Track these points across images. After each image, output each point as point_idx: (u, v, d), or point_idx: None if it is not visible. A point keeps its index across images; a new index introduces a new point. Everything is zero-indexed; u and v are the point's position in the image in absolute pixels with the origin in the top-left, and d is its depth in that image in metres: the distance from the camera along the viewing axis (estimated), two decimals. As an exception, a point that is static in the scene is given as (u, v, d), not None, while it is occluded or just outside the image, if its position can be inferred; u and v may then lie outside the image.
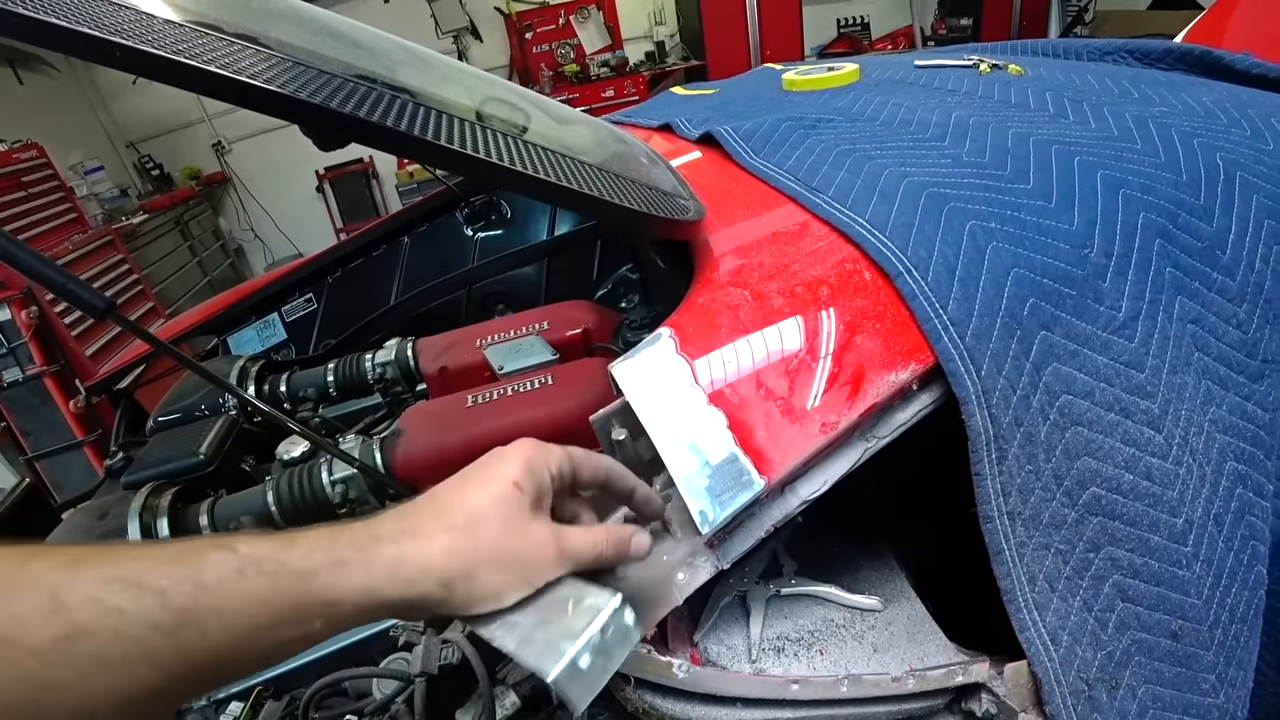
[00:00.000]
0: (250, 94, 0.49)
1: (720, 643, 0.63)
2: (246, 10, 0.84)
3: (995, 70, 1.15)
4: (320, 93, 0.52)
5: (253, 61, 0.54)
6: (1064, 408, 0.65)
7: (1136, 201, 0.73)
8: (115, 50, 0.48)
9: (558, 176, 0.62)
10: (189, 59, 0.50)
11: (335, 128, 0.53)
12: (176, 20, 0.58)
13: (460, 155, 0.56)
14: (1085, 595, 0.68)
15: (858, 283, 0.64)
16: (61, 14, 0.50)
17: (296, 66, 0.56)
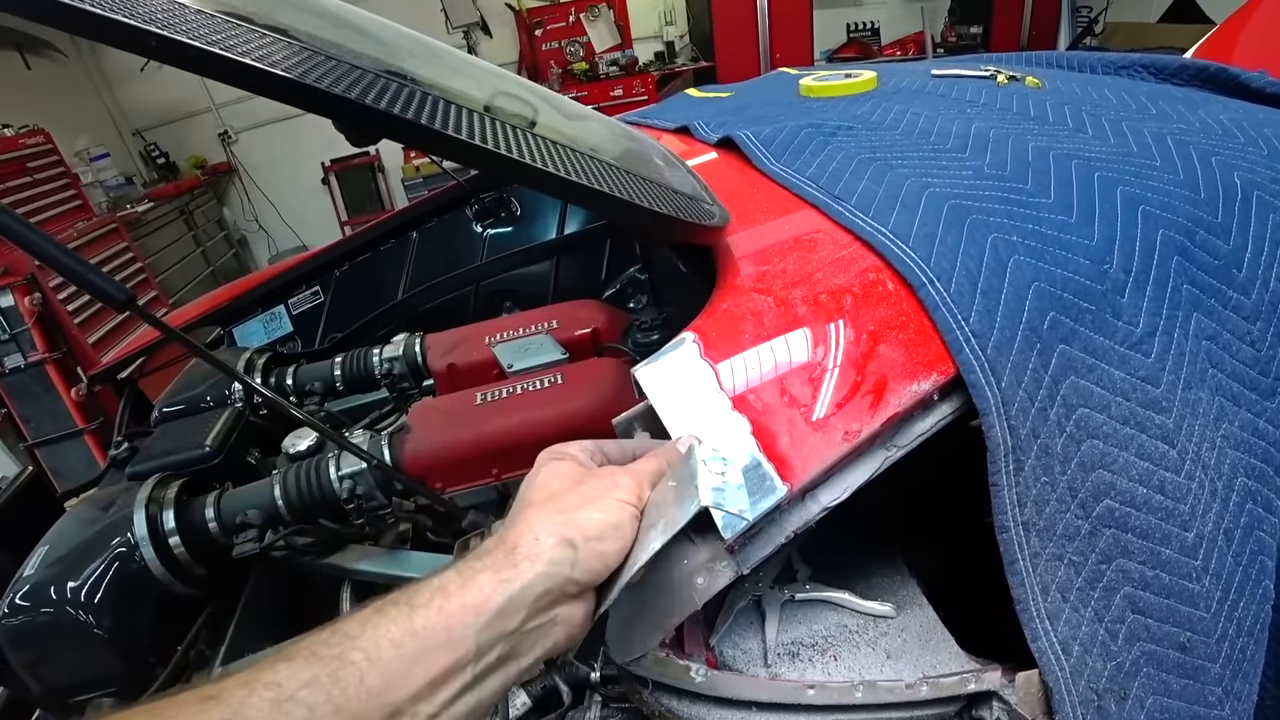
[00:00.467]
0: (287, 88, 0.50)
1: (736, 647, 0.64)
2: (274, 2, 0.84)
3: (1013, 82, 1.16)
4: (355, 88, 0.52)
5: (286, 55, 0.54)
6: (1080, 420, 0.66)
7: (1155, 218, 0.73)
8: (151, 39, 0.49)
9: (596, 181, 0.62)
10: (224, 50, 0.51)
11: (373, 125, 0.53)
12: (208, 11, 0.58)
13: (499, 157, 0.56)
14: (1097, 606, 0.69)
15: (881, 292, 0.64)
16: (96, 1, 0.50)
17: (329, 61, 0.57)
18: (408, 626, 0.44)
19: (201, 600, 1.04)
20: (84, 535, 0.97)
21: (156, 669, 0.95)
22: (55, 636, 0.89)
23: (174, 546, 0.97)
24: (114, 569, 0.93)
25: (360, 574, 1.08)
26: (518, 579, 0.47)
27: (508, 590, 0.47)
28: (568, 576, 0.49)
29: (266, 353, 1.51)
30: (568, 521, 0.50)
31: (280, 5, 0.86)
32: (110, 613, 0.90)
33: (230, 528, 1.01)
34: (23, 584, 0.90)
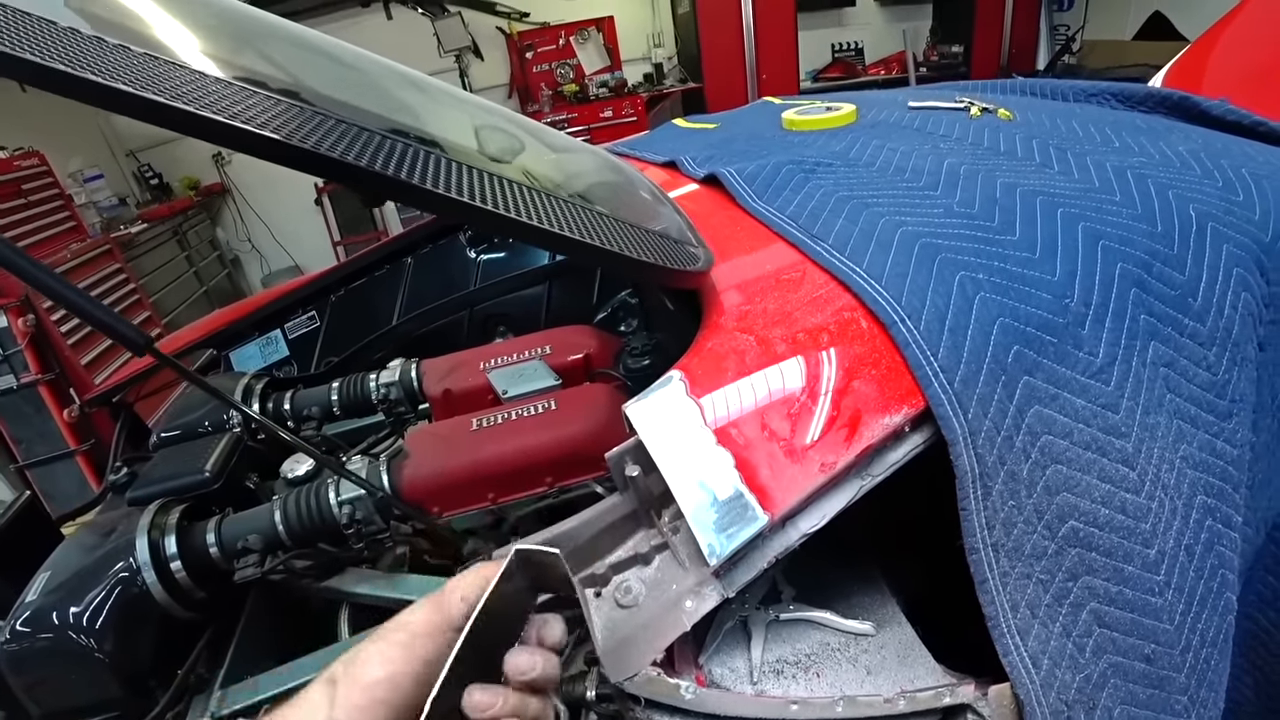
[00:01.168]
0: (308, 160, 0.53)
1: (723, 665, 0.67)
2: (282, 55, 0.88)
3: (985, 114, 1.21)
4: (366, 153, 0.56)
5: (300, 123, 0.58)
6: (1045, 447, 0.70)
7: (1114, 252, 0.78)
8: (178, 115, 0.53)
9: (585, 233, 0.66)
10: (245, 124, 0.54)
11: (381, 189, 0.57)
12: (225, 78, 0.62)
13: (496, 216, 0.60)
14: (1064, 621, 0.72)
15: (855, 330, 0.68)
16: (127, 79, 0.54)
17: (340, 125, 0.61)
18: None
19: (201, 624, 1.05)
20: (86, 560, 0.98)
21: (157, 693, 0.96)
22: (57, 661, 0.90)
23: (175, 571, 0.98)
24: (116, 593, 0.94)
25: (358, 597, 1.09)
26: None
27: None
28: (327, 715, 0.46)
29: (264, 378, 1.52)
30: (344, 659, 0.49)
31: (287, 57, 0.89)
32: (112, 637, 0.91)
33: (231, 552, 1.02)
34: (25, 609, 0.91)
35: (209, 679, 1.01)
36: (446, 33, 5.80)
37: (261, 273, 6.64)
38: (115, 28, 0.67)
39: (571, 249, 0.65)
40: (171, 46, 0.69)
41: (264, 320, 1.90)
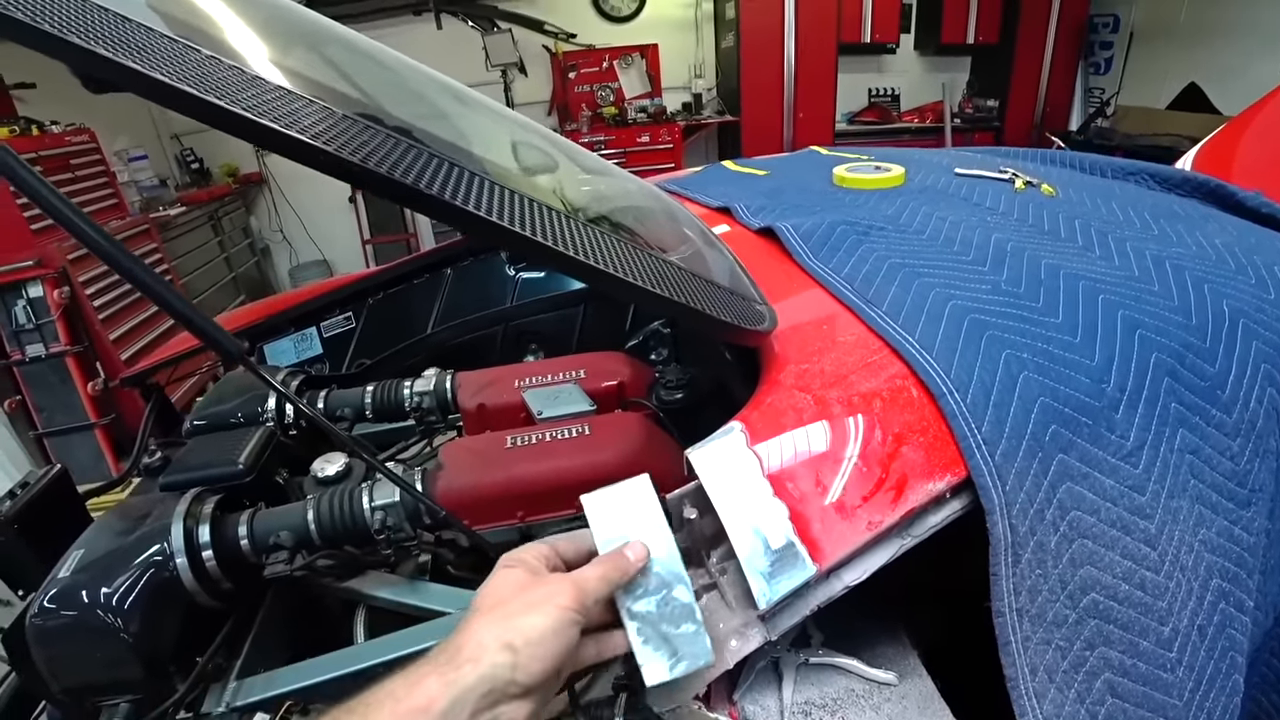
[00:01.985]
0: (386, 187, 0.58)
1: (755, 703, 0.71)
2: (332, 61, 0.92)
3: (1029, 188, 1.26)
4: (447, 186, 0.60)
5: (386, 152, 0.62)
6: (1073, 522, 0.74)
7: (1150, 342, 0.82)
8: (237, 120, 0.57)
9: (655, 284, 0.70)
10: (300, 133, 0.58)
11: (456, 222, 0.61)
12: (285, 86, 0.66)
13: (565, 257, 0.64)
14: (1079, 688, 0.75)
15: (906, 398, 0.73)
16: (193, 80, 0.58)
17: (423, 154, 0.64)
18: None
19: (223, 614, 1.06)
20: (119, 542, 1.00)
21: (175, 679, 0.97)
22: (82, 637, 0.91)
23: (207, 560, 1.00)
24: (148, 576, 0.95)
25: (377, 600, 1.10)
26: (461, 681, 0.51)
27: (451, 692, 0.51)
28: (509, 679, 0.53)
29: (300, 374, 1.55)
30: (510, 627, 0.55)
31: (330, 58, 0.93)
32: (139, 618, 0.92)
33: (262, 547, 1.03)
34: (55, 585, 0.92)
35: (226, 669, 1.02)
36: (496, 48, 5.91)
37: (290, 264, 6.73)
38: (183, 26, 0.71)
39: (651, 302, 0.70)
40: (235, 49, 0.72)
41: (301, 317, 1.94)
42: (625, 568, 0.62)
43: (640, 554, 0.63)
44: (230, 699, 0.98)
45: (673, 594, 0.62)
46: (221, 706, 0.97)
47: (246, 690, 0.99)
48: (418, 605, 1.09)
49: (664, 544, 0.64)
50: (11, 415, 3.73)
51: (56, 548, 1.00)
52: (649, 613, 0.62)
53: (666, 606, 0.62)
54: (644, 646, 0.61)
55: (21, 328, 3.61)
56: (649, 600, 0.63)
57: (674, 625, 0.61)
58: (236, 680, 1.01)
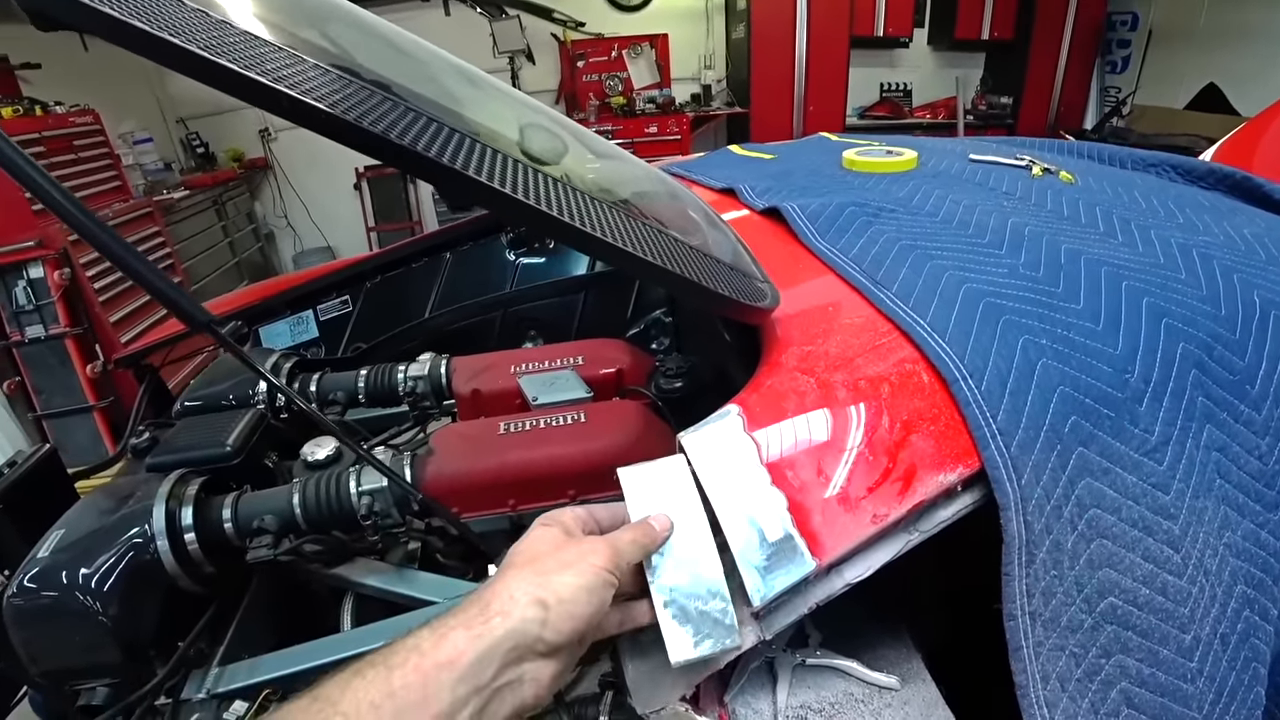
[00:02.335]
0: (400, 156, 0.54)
1: (748, 706, 0.66)
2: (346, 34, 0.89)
3: (1047, 175, 1.21)
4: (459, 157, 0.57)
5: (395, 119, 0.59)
6: (1092, 520, 0.69)
7: (1177, 332, 0.77)
8: (283, 99, 0.53)
9: (667, 260, 0.66)
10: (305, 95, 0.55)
11: (470, 197, 0.58)
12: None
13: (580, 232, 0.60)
14: (1093, 698, 0.71)
15: (916, 384, 0.68)
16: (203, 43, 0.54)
17: (431, 123, 0.61)
18: (385, 687, 0.46)
19: (205, 599, 1.05)
20: (100, 523, 0.98)
21: (155, 663, 0.96)
22: (60, 619, 0.90)
23: (189, 543, 0.98)
24: (127, 559, 0.94)
25: (365, 588, 1.08)
26: (489, 634, 0.50)
27: (479, 645, 0.49)
28: (538, 635, 0.51)
29: (293, 357, 1.52)
30: (543, 584, 0.53)
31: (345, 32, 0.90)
32: (118, 601, 0.91)
33: (246, 531, 1.02)
34: (34, 565, 0.91)
35: (208, 655, 1.01)
36: (503, 35, 5.87)
37: (294, 250, 6.72)
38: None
39: (651, 274, 0.65)
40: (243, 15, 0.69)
41: (297, 299, 1.92)
42: (655, 535, 0.61)
43: (665, 524, 0.62)
44: (211, 685, 0.96)
45: (702, 570, 0.61)
46: (201, 693, 0.95)
47: (229, 677, 0.97)
48: (406, 594, 1.07)
49: (698, 521, 0.63)
50: (11, 397, 3.72)
51: (43, 527, 0.99)
52: (678, 587, 0.61)
53: (696, 583, 0.61)
54: (670, 620, 0.60)
55: (22, 309, 3.60)
56: (679, 573, 0.61)
57: (702, 602, 0.60)
58: (219, 666, 0.99)
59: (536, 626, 0.51)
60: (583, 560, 0.56)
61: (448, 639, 0.49)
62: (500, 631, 0.50)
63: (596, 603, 0.55)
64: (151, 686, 0.92)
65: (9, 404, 3.72)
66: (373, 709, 0.45)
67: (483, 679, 0.49)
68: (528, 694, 0.52)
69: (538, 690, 0.53)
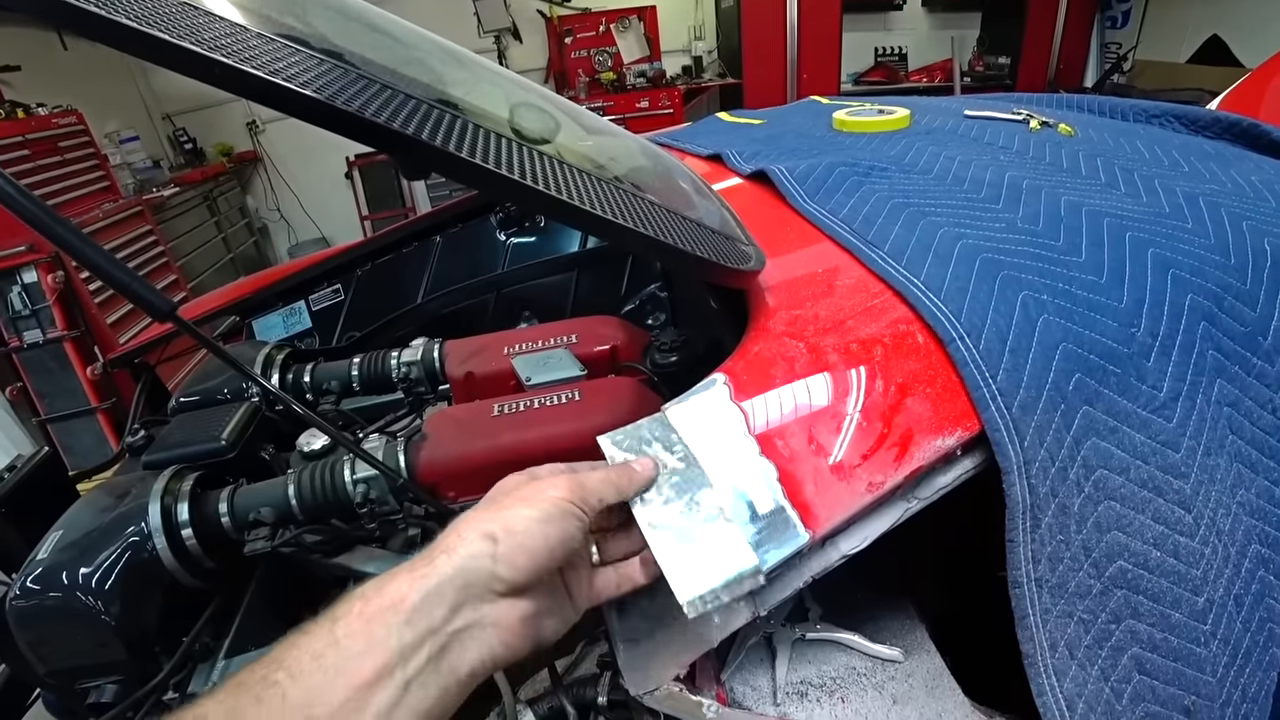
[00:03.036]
0: (345, 121, 0.51)
1: (746, 683, 0.65)
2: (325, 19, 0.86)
3: (1045, 128, 1.16)
4: (411, 122, 0.54)
5: (343, 85, 0.55)
6: (1099, 482, 0.66)
7: (1185, 283, 0.74)
8: (215, 68, 0.50)
9: (636, 221, 0.63)
10: (287, 82, 0.52)
11: (426, 162, 0.55)
12: (267, 34, 0.60)
13: (545, 197, 0.57)
14: (1104, 665, 0.69)
15: (911, 345, 0.65)
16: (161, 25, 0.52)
17: (385, 90, 0.58)
18: (329, 638, 0.44)
19: (208, 593, 1.05)
20: (98, 522, 0.98)
21: (161, 659, 0.96)
22: (64, 620, 0.90)
23: (186, 539, 0.98)
24: (126, 557, 0.93)
25: (367, 576, 1.08)
26: (434, 573, 0.47)
27: (424, 586, 0.46)
28: (489, 570, 0.48)
29: (286, 348, 1.51)
30: (493, 518, 0.50)
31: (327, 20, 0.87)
32: (119, 600, 0.91)
33: (242, 523, 1.01)
34: (35, 567, 0.91)
35: (214, 648, 1.00)
36: (488, 12, 5.78)
37: (288, 243, 6.69)
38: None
39: (623, 238, 0.62)
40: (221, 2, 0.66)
41: (289, 291, 1.90)
42: (634, 477, 0.58)
43: (648, 466, 0.59)
44: (218, 678, 0.96)
45: (698, 497, 0.57)
46: (208, 686, 0.95)
47: (235, 669, 0.96)
48: (408, 580, 1.06)
49: (690, 463, 0.59)
50: (14, 402, 3.73)
51: (45, 530, 0.98)
52: (672, 521, 0.56)
53: (693, 512, 0.56)
54: (670, 558, 0.54)
55: (18, 314, 3.60)
56: (672, 508, 0.57)
57: (703, 531, 0.55)
58: (225, 659, 0.99)
59: (487, 561, 0.48)
60: (539, 493, 0.53)
61: (391, 584, 0.47)
62: (447, 569, 0.47)
63: (555, 534, 0.51)
64: (158, 682, 0.92)
65: (13, 409, 3.73)
66: (314, 659, 0.42)
67: (434, 621, 0.46)
68: (494, 639, 0.49)
69: (504, 636, 0.49)
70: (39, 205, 0.62)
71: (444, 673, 0.46)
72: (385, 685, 0.43)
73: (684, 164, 1.23)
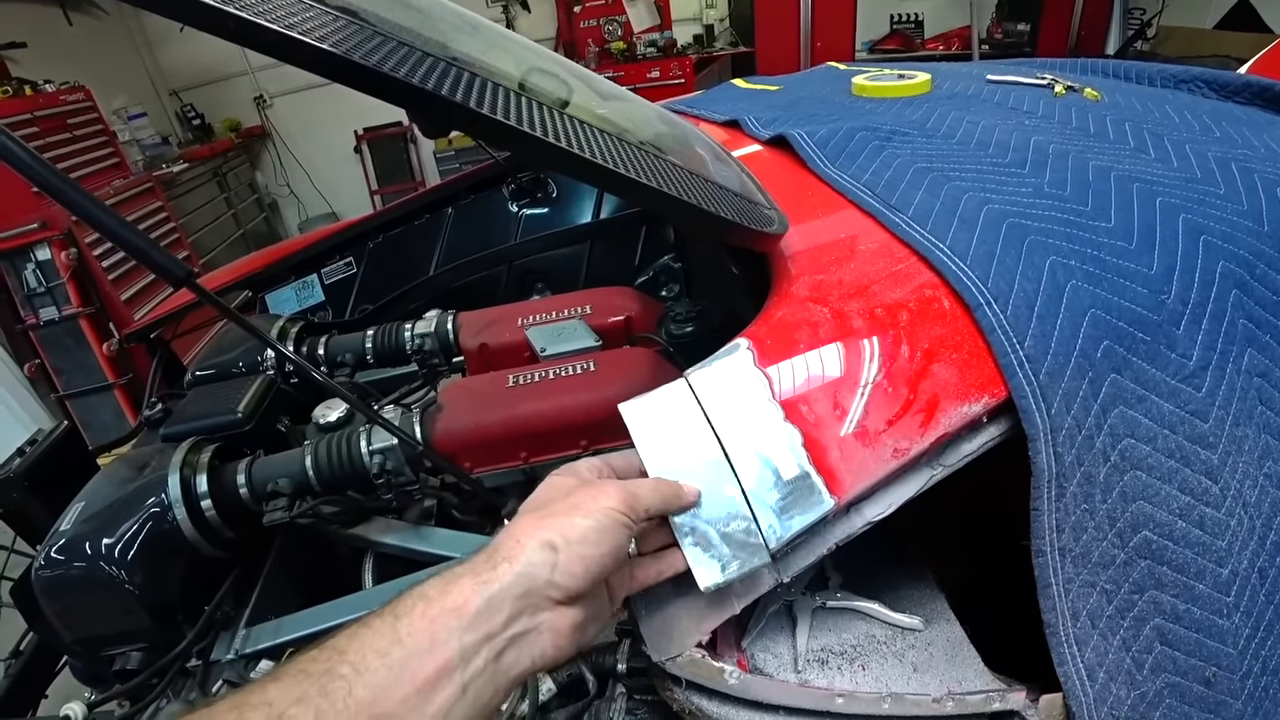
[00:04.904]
0: (364, 76, 0.50)
1: (767, 650, 0.65)
2: None
3: (1070, 93, 1.13)
4: (431, 78, 0.52)
5: (360, 40, 0.54)
6: (1125, 451, 0.66)
7: (1217, 249, 0.72)
8: (229, 21, 0.49)
9: (665, 184, 0.62)
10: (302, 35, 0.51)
11: (447, 118, 0.53)
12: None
13: (567, 154, 0.56)
14: (1125, 635, 0.69)
15: (937, 310, 0.64)
16: None
17: (402, 47, 0.57)
18: (392, 635, 0.45)
19: (229, 562, 1.06)
20: (119, 494, 1.00)
21: (184, 627, 0.98)
22: (88, 589, 0.92)
23: (205, 510, 0.99)
24: (147, 528, 0.95)
25: (384, 546, 1.09)
26: (496, 580, 0.48)
27: (486, 591, 0.48)
28: (547, 579, 0.50)
29: (299, 321, 1.52)
30: (551, 526, 0.52)
31: None
32: (142, 569, 0.92)
33: (260, 494, 1.03)
34: (59, 538, 0.93)
35: (235, 617, 1.03)
36: (496, -19, 5.68)
37: (299, 218, 6.68)
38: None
39: (648, 198, 0.61)
40: None
41: (301, 264, 1.91)
42: (682, 496, 0.59)
43: (693, 493, 0.59)
44: (239, 646, 0.98)
45: (720, 494, 0.59)
46: (230, 653, 0.97)
47: (256, 637, 0.99)
48: (425, 550, 1.07)
49: (709, 446, 0.60)
50: (33, 379, 3.77)
51: (67, 502, 1.00)
52: (696, 513, 0.58)
53: (714, 507, 0.58)
54: (693, 549, 0.58)
55: (34, 291, 3.63)
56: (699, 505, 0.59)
57: (724, 525, 0.58)
58: (245, 628, 1.01)
59: (546, 570, 0.50)
60: (593, 502, 0.54)
61: (454, 586, 0.48)
62: (509, 577, 0.49)
63: (609, 543, 0.52)
64: (181, 649, 0.94)
65: (31, 386, 3.77)
66: (379, 656, 0.44)
67: (494, 626, 0.47)
68: (546, 643, 0.50)
69: (557, 640, 0.51)
70: (58, 175, 0.62)
71: (499, 674, 0.48)
72: (446, 685, 0.44)
73: (701, 130, 1.21)
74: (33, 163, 0.57)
